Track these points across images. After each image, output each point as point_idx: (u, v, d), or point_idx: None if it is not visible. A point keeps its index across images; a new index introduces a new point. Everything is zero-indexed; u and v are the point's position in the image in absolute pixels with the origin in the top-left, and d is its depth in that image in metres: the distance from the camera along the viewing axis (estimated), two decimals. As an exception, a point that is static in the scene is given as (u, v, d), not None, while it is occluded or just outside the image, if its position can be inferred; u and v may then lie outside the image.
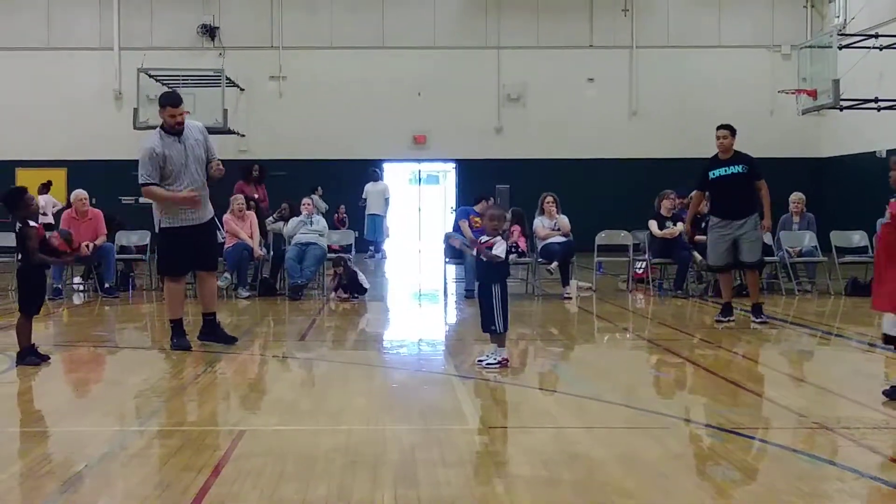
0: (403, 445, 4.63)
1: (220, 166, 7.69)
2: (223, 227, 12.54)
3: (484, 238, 6.87)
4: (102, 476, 4.17)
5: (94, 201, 12.87)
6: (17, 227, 6.84)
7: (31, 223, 6.81)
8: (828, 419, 5.17)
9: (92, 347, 8.20)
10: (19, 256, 7.01)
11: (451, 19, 22.45)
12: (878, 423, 5.19)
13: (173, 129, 7.48)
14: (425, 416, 5.31)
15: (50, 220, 17.45)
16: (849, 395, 5.81)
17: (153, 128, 22.12)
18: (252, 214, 12.63)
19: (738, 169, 9.05)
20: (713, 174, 9.19)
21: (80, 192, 12.28)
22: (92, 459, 4.39)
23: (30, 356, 6.72)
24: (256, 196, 13.82)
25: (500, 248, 6.72)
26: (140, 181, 7.39)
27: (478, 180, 19.58)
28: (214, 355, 7.60)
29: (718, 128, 9.29)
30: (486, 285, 6.81)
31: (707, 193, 9.69)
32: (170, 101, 7.55)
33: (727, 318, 9.20)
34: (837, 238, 13.00)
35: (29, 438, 4.96)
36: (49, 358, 6.85)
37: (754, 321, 9.03)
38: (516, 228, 11.67)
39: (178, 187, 7.43)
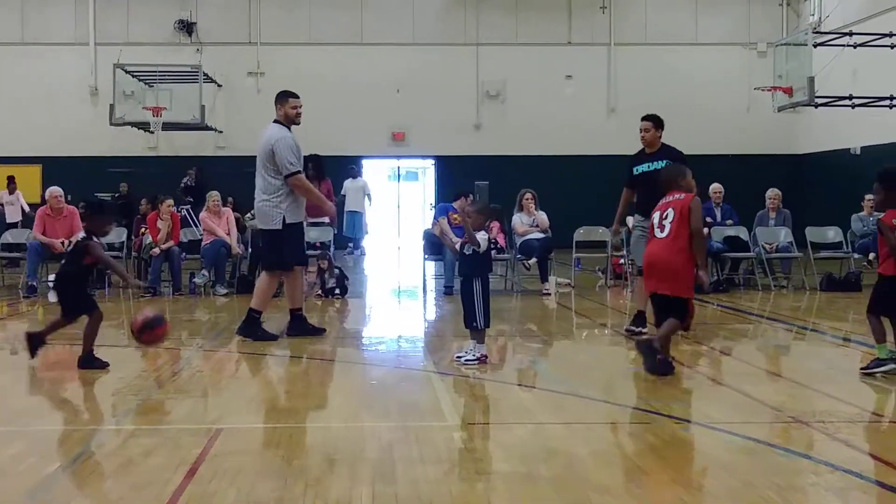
0: (382, 442, 4.62)
1: None
2: (200, 224, 12.49)
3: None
4: (77, 476, 4.14)
5: (69, 198, 12.75)
6: (80, 238, 6.81)
7: (95, 238, 6.74)
8: (803, 413, 5.22)
9: (67, 345, 8.12)
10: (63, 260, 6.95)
11: (430, 16, 22.41)
12: (853, 417, 5.24)
13: (294, 122, 8.00)
14: (404, 413, 5.31)
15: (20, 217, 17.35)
16: (824, 390, 5.86)
17: (129, 124, 22.02)
18: (228, 211, 12.58)
19: (662, 164, 8.03)
20: (637, 170, 8.35)
21: (55, 189, 12.15)
22: (66, 459, 4.35)
23: (94, 360, 6.65)
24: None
25: (482, 240, 6.74)
26: (291, 169, 7.71)
27: (457, 177, 19.60)
28: (192, 353, 7.56)
29: (642, 119, 8.45)
30: (467, 281, 6.82)
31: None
32: (291, 93, 8.06)
33: (638, 329, 8.11)
34: (813, 234, 13.11)
35: (2, 438, 4.90)
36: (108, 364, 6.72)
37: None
38: (495, 225, 11.68)
39: None
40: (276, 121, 8.03)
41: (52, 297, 11.95)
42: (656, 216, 6.41)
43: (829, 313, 10.41)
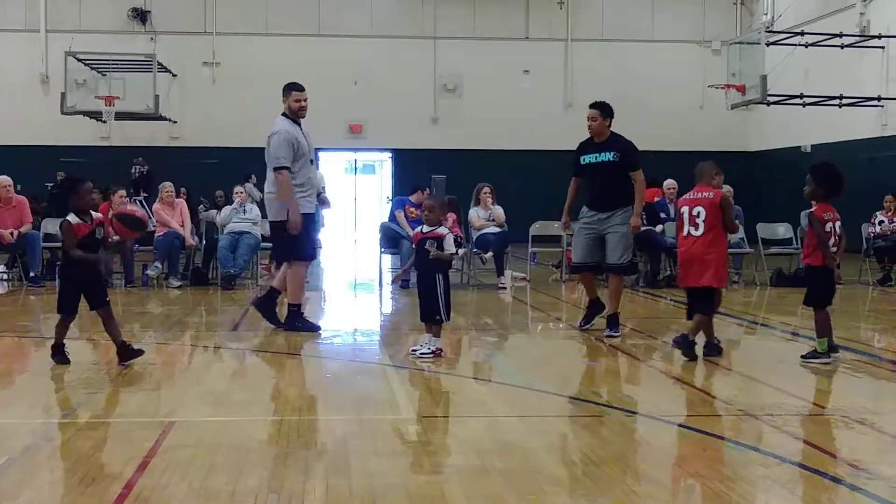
0: (336, 436, 4.61)
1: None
2: (153, 215, 12.33)
3: (426, 228, 6.85)
4: (25, 469, 4.06)
5: (18, 188, 12.51)
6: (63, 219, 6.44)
7: (72, 218, 6.29)
8: (752, 407, 5.31)
9: (16, 338, 7.98)
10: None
11: (387, 8, 22.37)
12: (800, 411, 5.35)
13: (298, 115, 7.99)
14: (358, 406, 5.31)
15: None
16: (773, 384, 5.97)
17: (81, 113, 21.67)
18: (182, 202, 12.43)
19: (609, 156, 7.78)
20: (584, 159, 7.94)
21: (3, 179, 11.91)
22: (14, 452, 4.27)
23: (57, 355, 6.36)
24: None
25: (449, 243, 6.74)
26: (278, 164, 7.71)
27: (414, 170, 19.59)
28: (144, 345, 7.46)
29: (590, 106, 8.02)
30: (429, 275, 6.79)
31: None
32: (295, 86, 8.05)
33: (592, 321, 8.11)
34: (764, 230, 13.32)
35: (-52, 432, 4.80)
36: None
37: (607, 333, 7.77)
38: (451, 215, 11.70)
39: (304, 173, 7.93)
40: (283, 113, 8.01)
41: (1, 288, 11.71)
42: (685, 211, 6.70)
43: (779, 308, 10.59)
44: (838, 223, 6.54)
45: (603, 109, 7.93)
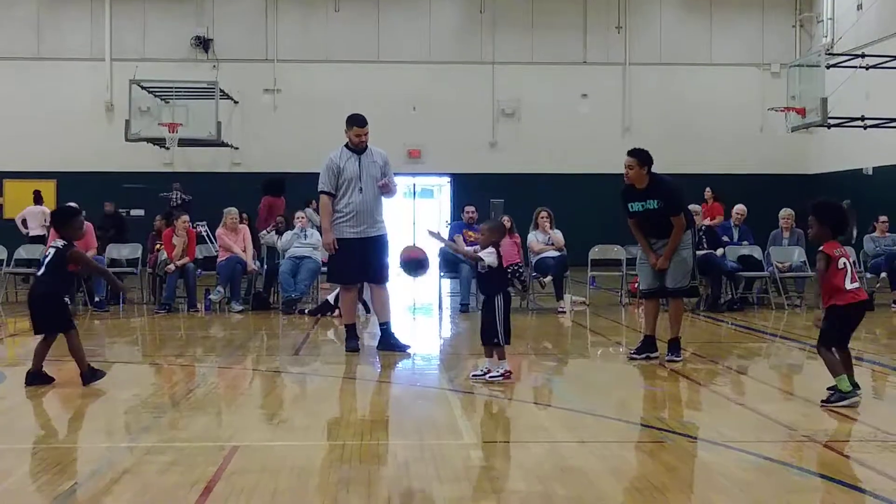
0: (398, 460, 4.63)
1: (389, 185, 8.39)
2: (216, 241, 12.55)
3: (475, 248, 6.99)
4: (92, 494, 4.13)
5: (84, 214, 12.79)
6: (61, 245, 6.70)
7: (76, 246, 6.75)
8: (816, 432, 5.21)
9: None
10: (40, 272, 6.78)
11: (446, 34, 22.53)
12: (865, 436, 5.23)
13: (356, 148, 8.33)
14: (420, 431, 5.32)
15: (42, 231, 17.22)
16: (837, 409, 5.84)
17: (145, 140, 21.93)
18: (245, 228, 12.63)
19: (653, 205, 7.66)
20: (632, 207, 7.80)
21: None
22: (81, 477, 4.36)
23: (35, 378, 6.61)
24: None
25: (489, 257, 6.79)
26: (319, 188, 8.26)
27: (472, 194, 19.63)
28: (207, 369, 7.60)
29: (627, 153, 7.77)
30: (489, 298, 6.87)
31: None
32: (356, 122, 8.42)
33: (642, 355, 7.82)
34: (826, 253, 13.05)
35: (17, 456, 4.89)
36: (53, 379, 6.71)
37: (668, 357, 7.69)
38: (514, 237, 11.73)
39: (347, 199, 8.16)
40: (345, 143, 8.45)
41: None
42: None
43: (845, 333, 10.34)
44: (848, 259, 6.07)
45: (640, 157, 7.66)
